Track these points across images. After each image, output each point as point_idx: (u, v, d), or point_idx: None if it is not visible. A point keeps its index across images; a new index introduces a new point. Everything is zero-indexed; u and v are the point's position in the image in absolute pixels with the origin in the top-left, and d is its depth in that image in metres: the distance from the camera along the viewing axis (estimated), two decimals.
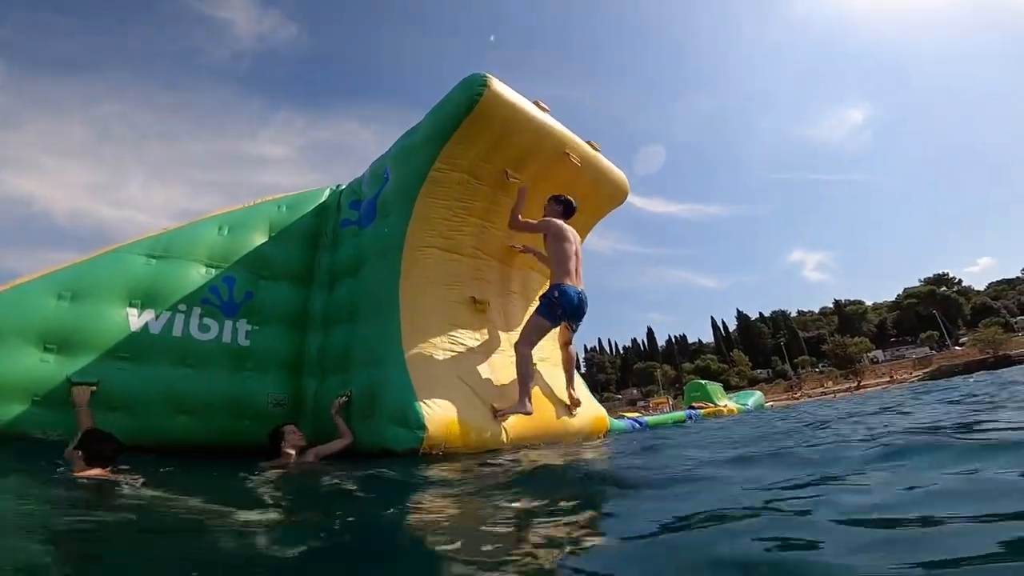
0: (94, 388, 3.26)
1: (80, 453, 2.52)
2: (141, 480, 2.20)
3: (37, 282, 3.43)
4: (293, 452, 3.16)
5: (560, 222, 4.10)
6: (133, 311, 3.68)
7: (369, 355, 3.76)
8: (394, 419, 3.24)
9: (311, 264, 4.71)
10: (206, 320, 3.95)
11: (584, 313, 4.03)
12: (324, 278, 4.63)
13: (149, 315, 3.72)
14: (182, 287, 3.91)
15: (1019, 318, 62.46)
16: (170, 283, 3.87)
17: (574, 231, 4.18)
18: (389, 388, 3.39)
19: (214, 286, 4.07)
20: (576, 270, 3.98)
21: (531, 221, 4.16)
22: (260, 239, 4.45)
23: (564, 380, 4.47)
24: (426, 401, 3.23)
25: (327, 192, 5.08)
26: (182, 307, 3.86)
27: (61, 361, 3.30)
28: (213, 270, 4.12)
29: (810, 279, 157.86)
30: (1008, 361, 28.90)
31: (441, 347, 3.66)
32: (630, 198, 5.53)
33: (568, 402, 4.31)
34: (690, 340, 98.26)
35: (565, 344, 4.46)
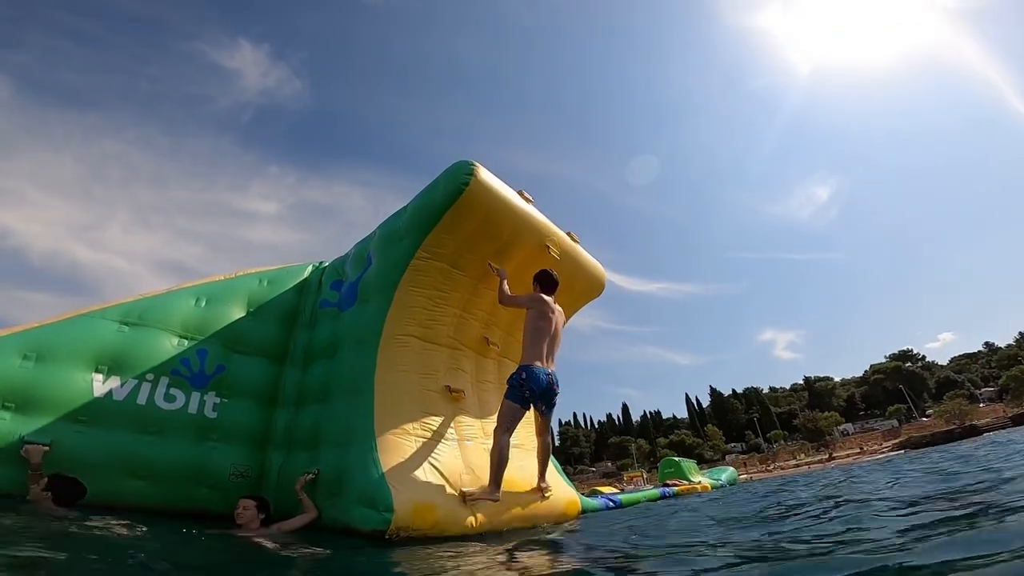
0: (46, 448, 3.22)
1: (49, 494, 2.93)
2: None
3: (4, 339, 3.42)
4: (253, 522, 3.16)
5: (545, 299, 4.03)
6: (99, 376, 3.64)
7: (340, 435, 3.74)
8: (362, 500, 3.20)
9: (287, 341, 4.73)
10: (172, 391, 3.92)
11: (554, 394, 3.90)
12: (299, 356, 4.64)
13: (115, 382, 3.68)
14: (153, 356, 3.89)
15: (983, 390, 64.27)
16: (140, 351, 3.85)
17: (559, 309, 4.15)
18: (358, 469, 3.36)
19: (185, 358, 4.06)
20: (549, 351, 3.90)
21: (518, 296, 4.16)
22: (237, 313, 4.49)
23: (535, 467, 4.38)
24: (395, 484, 3.20)
25: (309, 269, 5.18)
26: (150, 376, 3.83)
27: (17, 419, 3.26)
28: (186, 341, 4.11)
29: (781, 357, 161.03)
30: (975, 431, 29.55)
31: (413, 433, 3.65)
32: (611, 275, 5.63)
33: (538, 489, 4.22)
34: (664, 415, 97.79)
35: (540, 432, 4.28)
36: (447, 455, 3.70)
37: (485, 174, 3.94)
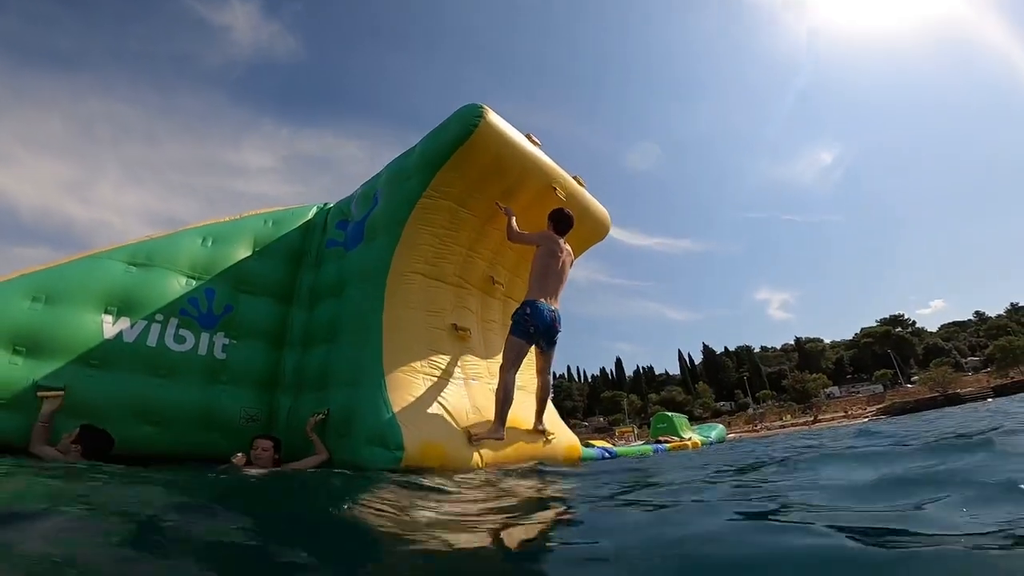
0: (62, 393, 3.20)
1: (78, 447, 2.84)
2: None
3: (12, 283, 3.36)
4: (240, 462, 3.12)
5: (556, 237, 4.04)
6: (108, 318, 3.61)
7: (349, 375, 3.77)
8: (372, 439, 3.25)
9: (293, 281, 4.72)
10: (182, 331, 3.91)
11: (556, 332, 3.93)
12: (305, 297, 4.64)
13: (124, 323, 3.66)
14: (161, 296, 3.86)
15: (969, 359, 65.64)
16: (149, 292, 3.82)
17: (569, 250, 4.17)
18: (368, 408, 3.40)
19: (193, 297, 4.03)
20: (554, 289, 3.94)
21: (529, 234, 4.16)
22: (244, 253, 4.45)
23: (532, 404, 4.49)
24: (405, 422, 3.26)
25: (314, 210, 5.12)
26: (159, 317, 3.81)
27: (29, 364, 3.23)
28: (194, 281, 4.09)
29: (774, 317, 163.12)
30: (958, 399, 30.21)
31: (421, 371, 3.70)
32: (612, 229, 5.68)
33: (536, 430, 4.29)
34: (657, 371, 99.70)
35: (540, 371, 4.33)
36: (454, 394, 3.77)
37: (494, 117, 3.92)
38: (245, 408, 4.07)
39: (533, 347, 3.99)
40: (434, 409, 3.54)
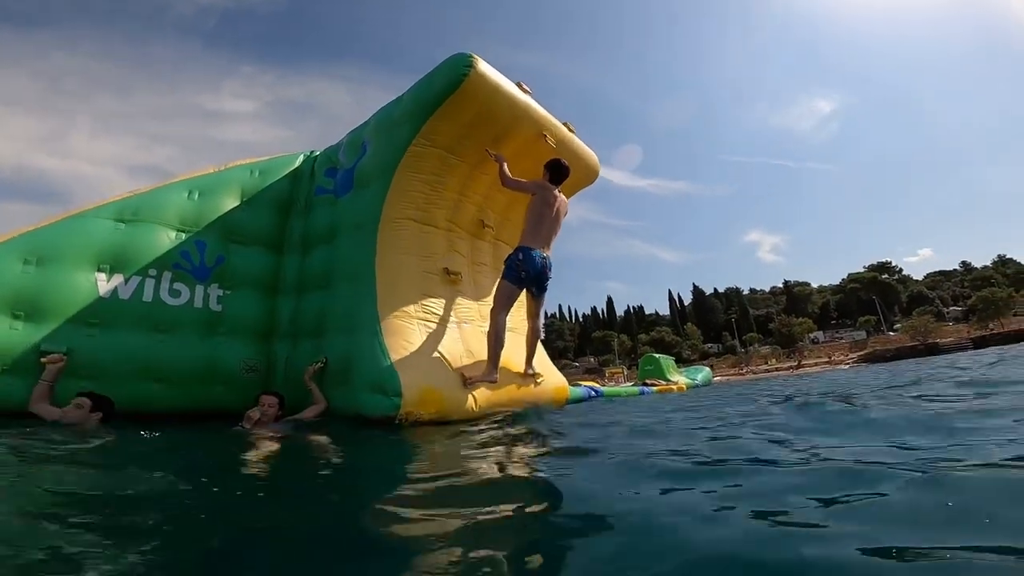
0: (65, 357, 3.22)
1: (99, 415, 2.93)
2: None
3: (2, 246, 3.35)
4: (254, 417, 3.16)
5: (550, 187, 4.09)
6: (102, 276, 3.63)
7: (344, 322, 3.84)
8: (371, 386, 3.33)
9: (283, 229, 4.72)
10: (177, 285, 3.95)
11: (547, 279, 4.08)
12: (297, 244, 4.66)
13: (118, 280, 3.68)
14: (152, 251, 3.88)
15: (952, 308, 67.02)
16: (140, 247, 3.83)
17: (563, 199, 4.23)
18: (366, 355, 3.47)
19: (185, 250, 4.05)
20: (547, 237, 4.04)
21: (524, 182, 4.17)
22: (231, 204, 4.43)
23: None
24: (402, 368, 3.34)
25: (300, 158, 5.05)
26: (152, 272, 3.84)
27: (30, 328, 3.26)
28: (183, 234, 4.09)
29: (764, 260, 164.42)
30: (936, 349, 30.67)
31: (415, 316, 3.77)
32: (603, 169, 5.71)
33: (525, 373, 4.42)
34: (647, 311, 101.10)
35: (531, 316, 4.45)
36: (448, 338, 3.87)
37: (484, 66, 3.88)
38: (245, 359, 4.17)
39: (524, 291, 4.11)
40: (430, 354, 3.63)
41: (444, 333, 3.88)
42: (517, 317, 4.53)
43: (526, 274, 3.88)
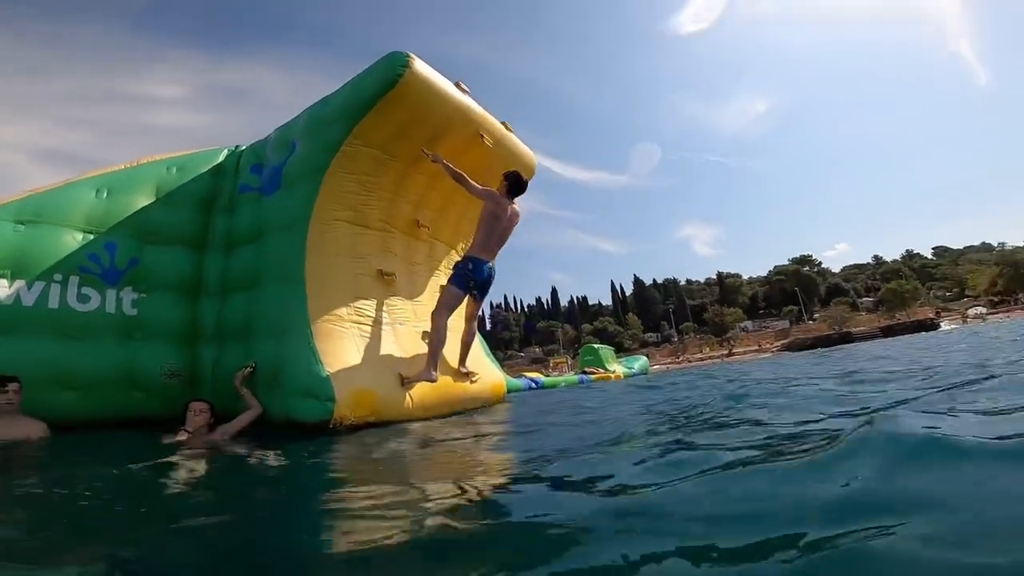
0: None
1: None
2: None
3: None
4: (191, 430, 3.08)
5: (503, 200, 4.19)
6: (3, 281, 3.39)
7: (274, 325, 3.72)
8: (303, 391, 3.26)
9: (204, 227, 4.48)
10: (84, 290, 3.71)
11: (490, 285, 4.28)
12: (220, 242, 4.44)
13: (20, 285, 3.45)
14: (56, 254, 3.62)
15: (864, 299, 72.78)
16: (42, 250, 3.57)
17: (516, 210, 4.34)
18: (296, 359, 3.40)
19: (93, 253, 3.79)
20: (495, 248, 4.21)
21: (478, 189, 4.16)
22: (144, 202, 4.16)
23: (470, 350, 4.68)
24: (334, 372, 3.30)
25: (224, 153, 4.78)
26: (57, 276, 3.59)
27: None
28: (91, 235, 3.82)
29: (699, 252, 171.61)
30: (850, 338, 33.44)
31: (348, 318, 3.71)
32: (548, 162, 6.06)
33: (460, 373, 4.48)
34: (591, 302, 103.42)
35: (470, 317, 4.59)
36: (382, 340, 3.84)
37: (420, 65, 3.84)
38: (165, 364, 3.98)
39: (468, 296, 4.25)
40: (363, 356, 3.59)
41: (378, 335, 3.84)
42: (455, 319, 4.56)
43: (474, 283, 4.05)
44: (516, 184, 4.30)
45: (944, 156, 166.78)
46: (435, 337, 3.84)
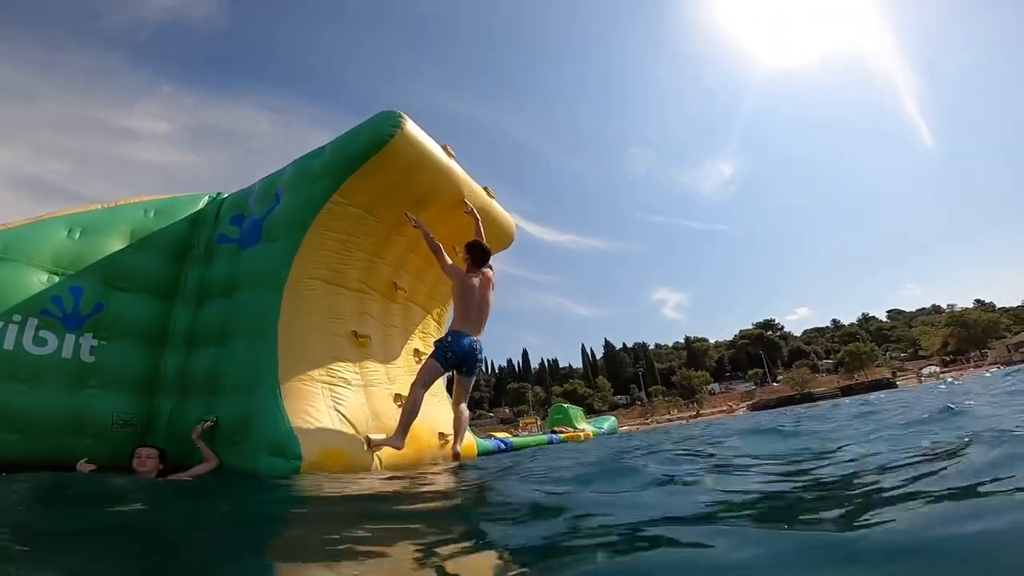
0: None
1: None
2: None
3: None
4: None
5: (471, 279, 4.03)
6: None
7: (242, 382, 3.63)
8: (269, 448, 3.19)
9: (176, 277, 4.38)
10: (43, 333, 3.57)
11: (476, 361, 4.01)
12: (191, 294, 4.34)
13: None
14: (18, 294, 3.50)
15: (824, 361, 75.11)
16: (5, 289, 3.46)
17: (485, 277, 4.13)
18: (264, 418, 3.32)
19: (57, 296, 3.67)
20: (476, 319, 3.98)
21: (449, 265, 4.09)
22: (118, 245, 4.08)
23: (438, 411, 4.58)
24: (302, 431, 3.23)
25: (205, 200, 4.77)
26: (16, 317, 3.45)
27: None
28: (57, 277, 3.71)
29: (668, 316, 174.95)
30: (811, 397, 34.49)
31: (319, 379, 3.64)
32: (524, 223, 6.09)
33: (448, 449, 4.28)
34: (561, 364, 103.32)
35: (457, 402, 4.30)
36: (353, 401, 3.76)
37: (412, 127, 3.91)
38: (118, 413, 3.81)
39: (455, 375, 4.09)
40: (332, 417, 3.51)
41: (349, 396, 3.77)
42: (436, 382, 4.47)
43: (452, 355, 3.86)
44: (477, 255, 4.13)
45: (896, 219, 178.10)
46: (408, 407, 3.72)
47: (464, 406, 4.27)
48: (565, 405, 18.17)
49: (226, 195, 4.86)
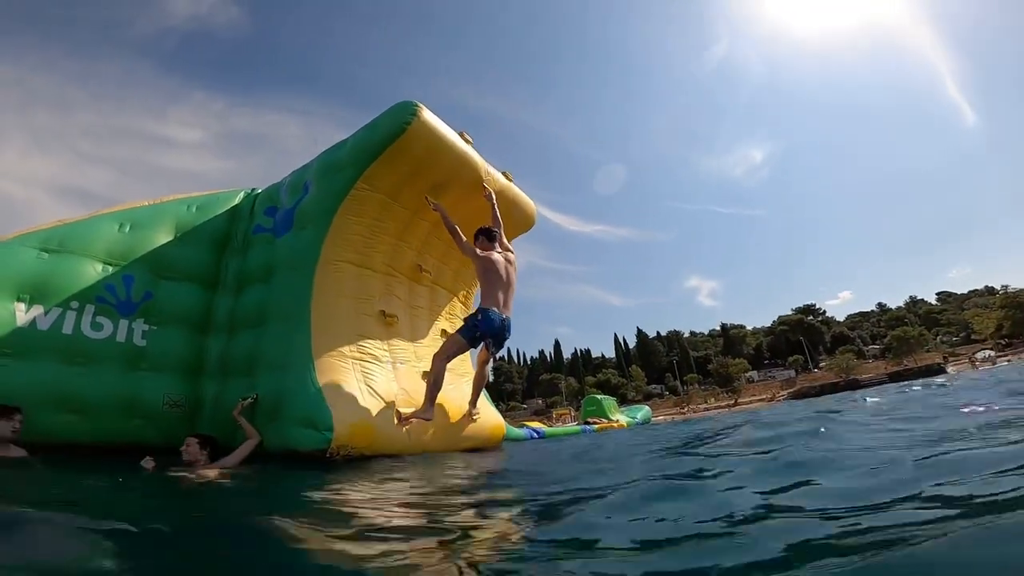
0: None
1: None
2: None
3: None
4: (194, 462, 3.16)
5: (491, 255, 4.15)
6: (21, 306, 3.53)
7: (277, 360, 3.83)
8: (302, 421, 3.36)
9: (218, 267, 4.67)
10: (99, 319, 3.85)
11: (505, 338, 4.12)
12: (231, 282, 4.61)
13: (38, 311, 3.57)
14: (76, 284, 3.78)
15: (871, 347, 72.15)
16: (63, 279, 3.73)
17: (509, 255, 4.32)
18: (297, 392, 3.51)
19: (110, 284, 3.96)
20: (505, 296, 4.08)
21: (466, 244, 4.20)
22: (164, 238, 4.37)
23: (467, 389, 4.74)
24: (334, 404, 3.39)
25: (241, 195, 5.05)
26: (74, 304, 3.73)
27: None
28: (111, 268, 4.00)
29: (703, 304, 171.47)
30: (856, 384, 32.80)
31: (350, 355, 3.83)
32: (550, 214, 6.13)
33: (467, 413, 4.55)
34: (593, 354, 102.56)
35: (483, 362, 4.61)
36: (382, 377, 3.94)
37: (428, 115, 4.05)
38: (168, 394, 4.07)
39: (482, 344, 4.21)
40: (362, 391, 3.68)
41: (378, 372, 3.95)
42: (455, 359, 4.60)
43: (481, 333, 3.98)
44: (485, 234, 4.31)
45: (940, 199, 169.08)
46: (432, 379, 3.88)
47: (487, 368, 4.46)
48: (598, 396, 18.21)
49: (260, 190, 5.11)
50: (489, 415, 5.06)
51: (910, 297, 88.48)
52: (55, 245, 3.79)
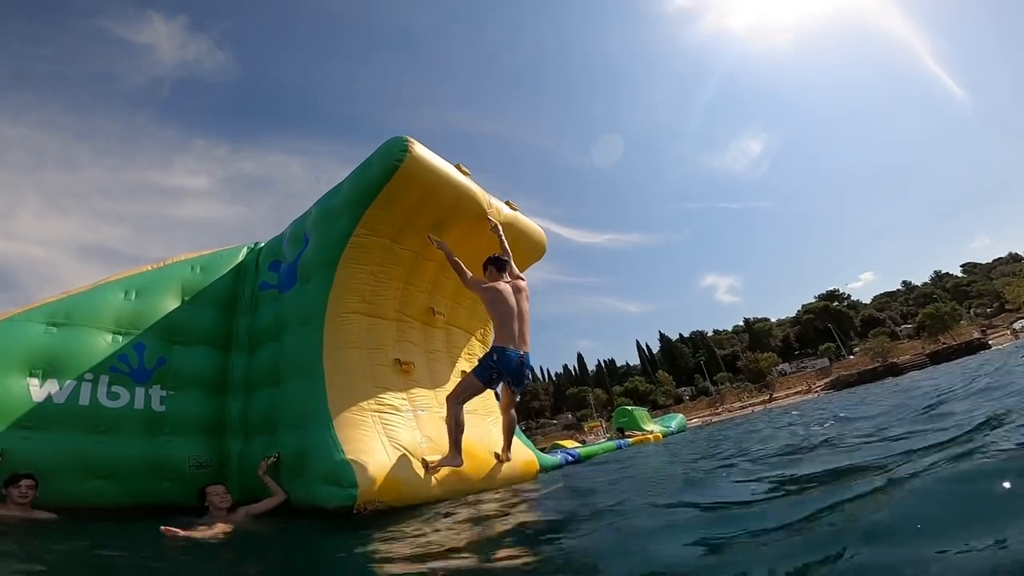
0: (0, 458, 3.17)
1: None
2: None
3: None
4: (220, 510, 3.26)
5: (496, 286, 3.95)
6: (35, 381, 3.55)
7: (296, 418, 3.77)
8: (325, 478, 3.28)
9: (228, 327, 4.65)
10: (115, 388, 3.85)
11: (525, 376, 3.90)
12: (244, 341, 4.58)
13: (53, 385, 3.60)
14: (87, 356, 3.78)
15: (903, 327, 69.90)
16: (74, 352, 3.74)
17: (516, 286, 4.06)
18: (319, 449, 3.43)
19: (123, 354, 3.96)
20: (520, 330, 3.84)
21: (471, 279, 4.05)
22: (172, 303, 4.36)
23: (492, 429, 4.57)
24: (356, 460, 3.29)
25: (244, 251, 5.03)
26: (88, 376, 3.74)
27: None
28: (120, 337, 3.99)
29: (723, 301, 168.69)
30: (896, 369, 31.16)
31: (368, 408, 3.72)
32: (558, 228, 5.93)
33: (500, 458, 4.34)
34: (618, 363, 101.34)
35: (506, 408, 4.38)
36: (403, 427, 3.81)
37: (420, 149, 3.91)
38: (193, 456, 4.06)
39: (501, 384, 4.01)
40: (384, 444, 3.56)
41: (399, 422, 3.82)
42: (478, 399, 4.43)
43: (498, 374, 3.76)
44: (496, 264, 4.11)
45: (948, 173, 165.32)
46: (452, 422, 3.72)
47: (512, 412, 4.25)
48: (629, 407, 17.69)
49: (263, 243, 5.08)
50: (519, 452, 4.85)
51: (935, 272, 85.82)
52: (61, 318, 3.80)
